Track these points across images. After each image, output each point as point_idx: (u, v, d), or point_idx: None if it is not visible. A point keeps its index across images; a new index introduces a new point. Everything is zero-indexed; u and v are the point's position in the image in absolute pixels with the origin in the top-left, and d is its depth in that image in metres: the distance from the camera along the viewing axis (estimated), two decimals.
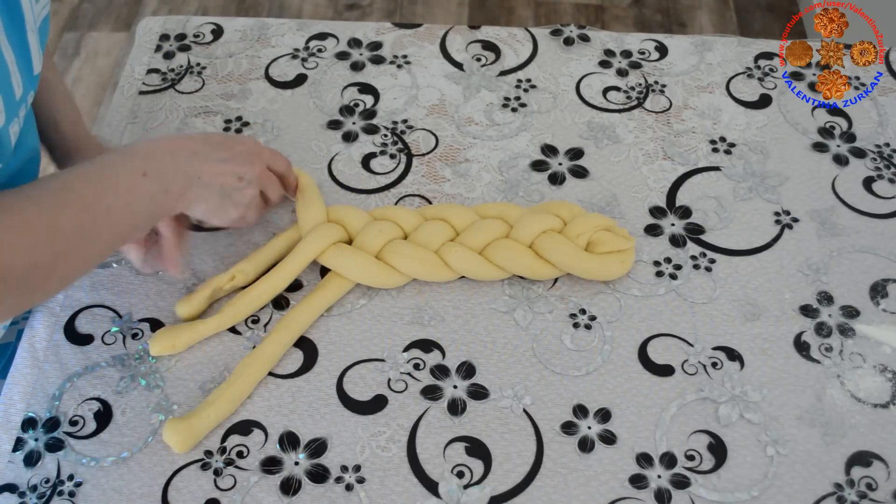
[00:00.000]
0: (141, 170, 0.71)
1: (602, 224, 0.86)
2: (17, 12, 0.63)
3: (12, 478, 0.74)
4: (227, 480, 0.74)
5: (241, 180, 0.78)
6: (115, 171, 0.70)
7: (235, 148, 0.79)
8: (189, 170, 0.74)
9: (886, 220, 0.92)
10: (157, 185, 0.72)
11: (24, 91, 0.67)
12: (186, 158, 0.74)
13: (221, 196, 0.77)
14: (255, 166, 0.79)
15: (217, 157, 0.76)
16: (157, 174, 0.72)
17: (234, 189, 0.78)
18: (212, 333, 0.81)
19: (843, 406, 0.79)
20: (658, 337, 0.83)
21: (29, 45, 0.66)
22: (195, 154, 0.75)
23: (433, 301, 0.85)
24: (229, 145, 0.79)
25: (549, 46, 1.09)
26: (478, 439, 0.77)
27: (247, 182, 0.79)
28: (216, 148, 0.77)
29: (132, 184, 0.70)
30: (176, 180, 0.73)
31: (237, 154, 0.78)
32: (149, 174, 0.71)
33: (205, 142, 0.77)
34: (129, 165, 0.71)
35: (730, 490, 0.74)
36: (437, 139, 0.99)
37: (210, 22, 1.10)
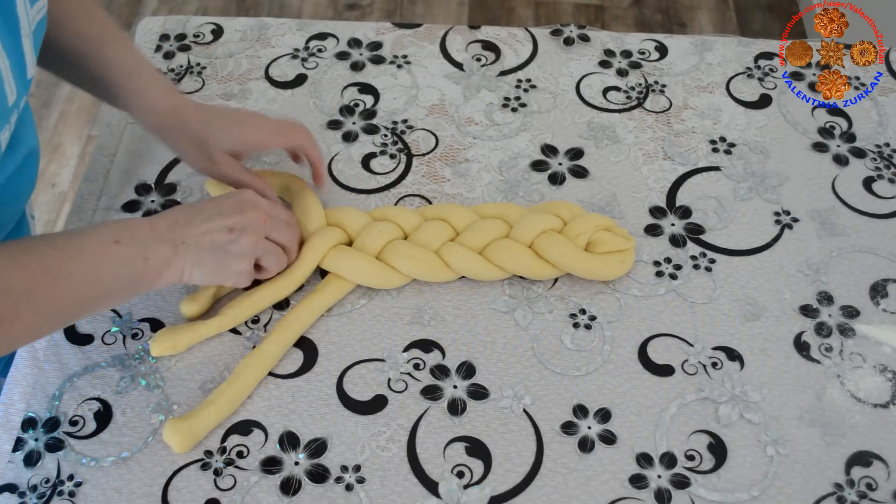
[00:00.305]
0: (113, 237, 0.69)
1: (602, 224, 0.86)
2: (11, 18, 0.63)
3: (12, 478, 0.74)
4: (227, 480, 0.74)
5: (232, 231, 0.75)
6: (84, 238, 0.69)
7: (223, 203, 0.77)
8: (171, 237, 0.73)
9: (886, 220, 0.92)
10: (133, 252, 0.70)
11: (18, 97, 0.66)
12: (167, 227, 0.73)
13: (215, 253, 0.75)
14: (246, 214, 0.77)
15: (202, 217, 0.75)
16: (131, 242, 0.70)
17: (228, 242, 0.75)
18: (213, 334, 0.81)
19: (843, 406, 0.79)
20: (658, 337, 0.83)
21: (23, 50, 0.65)
22: (176, 222, 0.74)
23: (433, 301, 0.85)
24: (217, 201, 0.77)
25: (549, 46, 1.09)
26: (478, 439, 0.77)
27: (240, 231, 0.76)
28: (200, 209, 0.76)
29: (102, 250, 0.68)
30: (156, 249, 0.71)
31: (225, 207, 0.76)
32: (122, 242, 0.69)
33: (188, 207, 0.76)
34: (101, 233, 0.70)
35: (730, 490, 0.74)
36: (437, 139, 0.99)
37: (210, 22, 1.10)
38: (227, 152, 0.82)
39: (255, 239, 0.77)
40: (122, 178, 0.94)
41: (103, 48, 0.80)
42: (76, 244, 0.68)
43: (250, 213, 0.77)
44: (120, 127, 0.99)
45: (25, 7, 0.65)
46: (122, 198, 0.93)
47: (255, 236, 0.77)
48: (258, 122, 0.85)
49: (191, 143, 0.82)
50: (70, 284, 0.67)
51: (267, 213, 0.78)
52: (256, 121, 0.85)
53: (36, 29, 0.68)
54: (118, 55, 0.81)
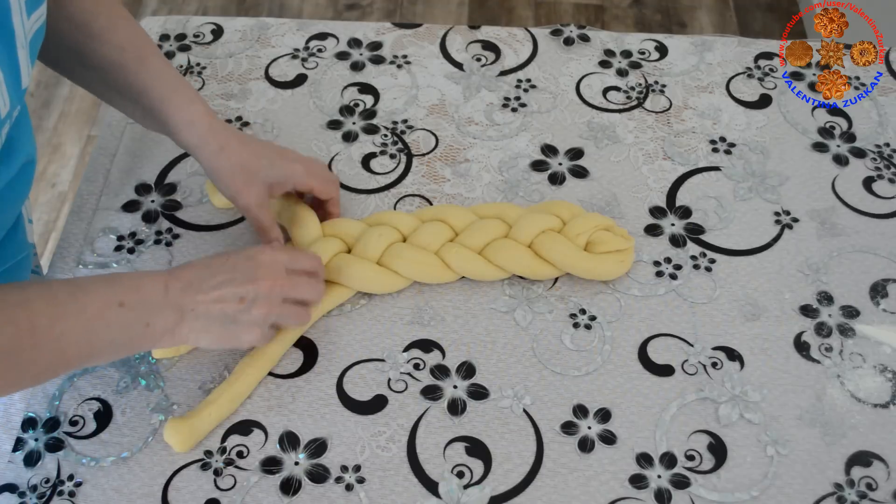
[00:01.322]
0: (118, 299, 0.67)
1: (601, 224, 0.86)
2: (6, 29, 0.62)
3: (12, 478, 0.74)
4: (227, 480, 0.74)
5: (242, 301, 0.72)
6: (87, 296, 0.66)
7: (239, 266, 0.73)
8: (180, 303, 0.70)
9: (886, 220, 0.92)
10: (135, 317, 0.67)
11: (10, 107, 0.66)
12: (179, 291, 0.70)
13: (224, 324, 0.72)
14: (260, 282, 0.73)
15: (215, 283, 0.71)
16: (136, 306, 0.67)
17: (238, 312, 0.72)
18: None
19: (843, 406, 0.79)
20: (658, 337, 0.83)
21: (18, 61, 0.65)
22: (189, 285, 0.70)
23: (433, 301, 0.85)
24: (232, 264, 0.73)
25: (549, 46, 1.09)
26: (478, 439, 0.77)
27: (251, 301, 0.72)
28: (216, 271, 0.72)
29: (101, 313, 0.66)
30: (161, 315, 0.69)
31: (239, 273, 0.73)
32: (126, 305, 0.67)
33: (205, 266, 0.73)
34: (105, 292, 0.67)
35: (730, 490, 0.74)
36: (437, 139, 0.99)
37: (210, 22, 1.10)
38: (265, 184, 0.82)
39: (268, 310, 0.73)
40: (122, 178, 0.94)
41: (146, 60, 0.80)
42: (76, 303, 0.65)
43: (263, 284, 0.73)
44: (120, 127, 0.99)
45: (22, 18, 0.64)
46: (122, 198, 0.93)
47: (267, 307, 0.73)
48: (302, 161, 0.85)
49: (230, 167, 0.81)
50: (58, 345, 0.64)
51: (284, 275, 0.75)
52: (300, 161, 0.85)
53: (32, 39, 0.67)
54: (161, 68, 0.81)
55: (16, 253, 0.84)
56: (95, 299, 0.66)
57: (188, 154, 0.96)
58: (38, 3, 0.67)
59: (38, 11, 0.68)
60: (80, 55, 0.79)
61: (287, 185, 0.84)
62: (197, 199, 0.93)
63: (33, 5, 0.66)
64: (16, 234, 0.83)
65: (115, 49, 0.79)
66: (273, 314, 0.74)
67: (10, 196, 0.76)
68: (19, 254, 0.84)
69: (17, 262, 0.84)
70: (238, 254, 0.75)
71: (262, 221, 0.82)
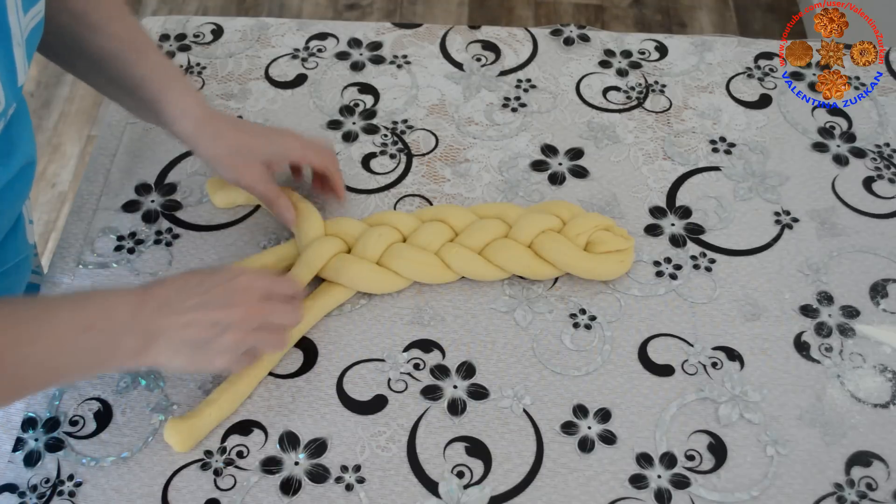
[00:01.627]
0: (85, 323, 0.64)
1: (601, 224, 0.86)
2: (2, 26, 0.62)
3: (12, 478, 0.74)
4: (227, 480, 0.74)
5: (214, 327, 0.69)
6: (53, 321, 0.64)
7: (214, 289, 0.70)
8: (152, 325, 0.67)
9: (886, 220, 0.92)
10: (103, 341, 0.65)
11: (6, 105, 0.65)
12: (152, 312, 0.67)
13: (194, 348, 0.69)
14: (234, 309, 0.70)
15: (188, 305, 0.69)
16: (106, 330, 0.65)
17: (209, 339, 0.69)
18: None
19: (843, 406, 0.79)
20: (658, 337, 0.83)
21: (14, 58, 0.64)
22: (162, 305, 0.68)
23: (433, 301, 0.85)
24: (208, 286, 0.70)
25: (549, 46, 1.09)
26: (478, 439, 0.77)
27: (223, 328, 0.69)
28: (191, 293, 0.69)
29: (67, 337, 0.64)
30: (129, 339, 0.66)
31: (214, 296, 0.70)
32: (94, 328, 0.65)
33: (180, 286, 0.70)
34: (73, 316, 0.65)
35: (730, 490, 0.74)
36: (437, 139, 0.99)
37: (210, 22, 1.10)
38: (264, 160, 0.83)
39: (240, 337, 0.70)
40: (122, 178, 0.94)
41: (143, 52, 0.81)
42: (42, 326, 0.63)
43: (237, 311, 0.70)
44: (120, 127, 0.99)
45: (18, 15, 0.64)
46: (122, 198, 0.93)
47: (239, 335, 0.70)
48: (295, 136, 0.87)
49: (227, 150, 0.82)
50: (20, 370, 0.62)
51: (260, 302, 0.72)
52: (294, 135, 0.87)
53: (29, 36, 0.67)
54: (158, 60, 0.82)
55: (16, 253, 0.84)
56: (62, 323, 0.64)
57: (188, 154, 0.96)
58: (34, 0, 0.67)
59: (35, 8, 0.67)
60: (79, 46, 0.79)
61: (285, 159, 0.86)
62: (197, 199, 0.93)
63: (30, 2, 0.66)
64: (16, 235, 0.83)
65: (113, 40, 0.79)
66: (246, 341, 0.71)
67: (9, 197, 0.76)
68: (19, 254, 0.84)
69: (17, 262, 0.84)
70: (215, 275, 0.72)
71: (269, 195, 0.84)
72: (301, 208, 0.87)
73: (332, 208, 0.92)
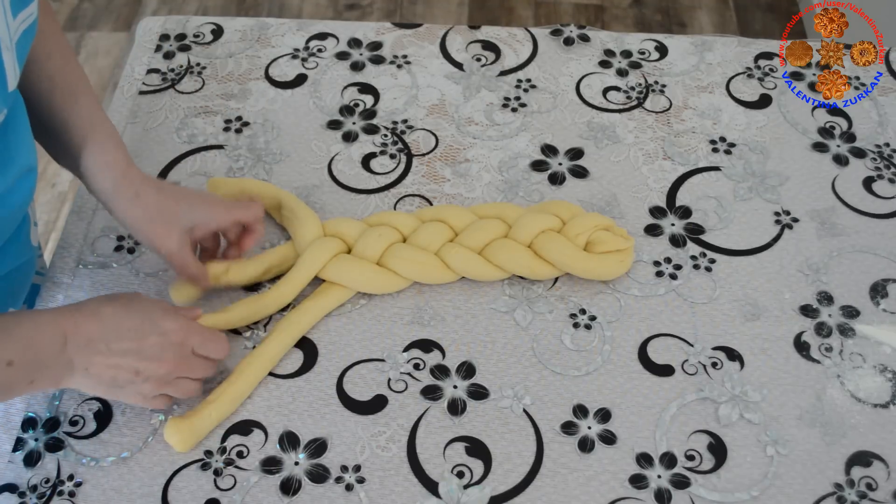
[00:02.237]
0: (6, 358, 0.63)
1: (601, 224, 0.86)
2: None
3: (12, 478, 0.74)
4: (227, 480, 0.74)
5: (137, 375, 0.70)
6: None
7: (148, 338, 0.70)
8: (75, 360, 0.67)
9: (886, 220, 0.92)
10: (21, 376, 0.65)
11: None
12: (79, 347, 0.67)
13: (111, 386, 0.70)
14: (162, 363, 0.71)
15: (119, 348, 0.69)
16: (26, 365, 0.64)
17: (128, 382, 0.70)
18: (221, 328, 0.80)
19: (843, 406, 0.79)
20: (658, 337, 0.83)
21: (4, 63, 0.63)
22: (90, 342, 0.67)
23: (433, 301, 0.85)
24: (143, 333, 0.70)
25: (549, 46, 1.09)
26: (478, 439, 0.77)
27: (145, 377, 0.70)
28: (124, 336, 0.69)
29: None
30: (50, 372, 0.66)
31: (146, 347, 0.70)
32: (15, 364, 0.63)
33: (114, 325, 0.69)
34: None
35: (730, 490, 0.74)
36: (437, 139, 0.99)
37: (210, 22, 1.10)
38: (186, 227, 0.79)
39: (159, 387, 0.72)
40: None
41: (73, 96, 0.77)
42: None
43: (163, 366, 0.71)
44: (120, 127, 0.99)
45: (6, 19, 0.62)
46: None
47: (159, 385, 0.72)
48: (221, 202, 0.82)
49: (146, 213, 0.78)
50: None
51: (187, 358, 0.73)
52: (219, 201, 0.83)
53: (20, 39, 0.66)
54: (89, 107, 0.78)
55: (20, 256, 0.83)
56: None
57: (188, 154, 0.96)
58: (25, 3, 0.65)
59: (25, 12, 0.66)
60: None
61: (210, 226, 0.81)
62: None
63: (19, 5, 0.64)
64: (20, 238, 0.82)
65: (44, 79, 0.76)
66: (163, 390, 0.73)
67: (10, 203, 0.74)
68: (23, 257, 0.84)
69: (21, 264, 0.83)
70: (151, 322, 0.71)
71: (185, 266, 0.79)
72: (297, 211, 0.87)
73: (331, 209, 0.92)
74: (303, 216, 0.86)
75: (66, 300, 0.84)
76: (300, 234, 0.85)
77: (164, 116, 1.00)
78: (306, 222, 0.86)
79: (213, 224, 0.81)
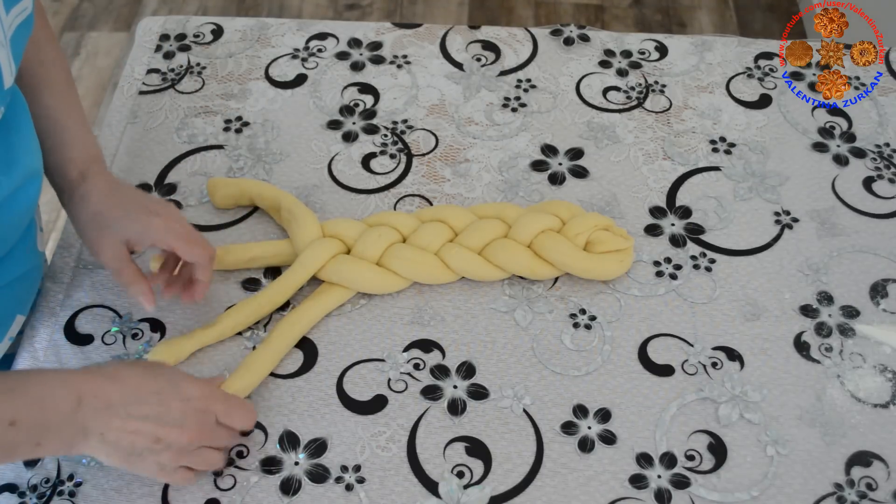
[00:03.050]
0: (10, 417, 0.59)
1: (600, 223, 0.86)
2: None
3: (12, 478, 0.74)
4: (227, 480, 0.74)
5: (158, 442, 0.65)
6: None
7: (170, 405, 0.66)
8: (90, 425, 0.63)
9: (886, 220, 0.92)
10: (25, 437, 0.60)
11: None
12: (96, 411, 0.62)
13: (130, 454, 0.65)
14: (184, 432, 0.66)
15: (139, 413, 0.64)
16: (30, 427, 0.60)
17: (147, 450, 0.66)
18: (213, 342, 0.81)
19: (843, 406, 0.79)
20: (658, 337, 0.83)
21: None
22: (109, 407, 0.63)
23: (433, 301, 0.85)
24: (165, 399, 0.66)
25: (549, 46, 1.09)
26: (478, 439, 0.77)
27: (166, 446, 0.66)
28: (145, 400, 0.65)
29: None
30: (60, 435, 0.62)
31: (168, 413, 0.66)
32: (18, 424, 0.59)
33: (134, 389, 0.65)
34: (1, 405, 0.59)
35: (730, 490, 0.74)
36: (437, 139, 0.99)
37: (210, 22, 1.10)
38: (122, 238, 0.76)
39: (179, 458, 0.68)
40: (122, 177, 0.94)
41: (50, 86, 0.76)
42: None
43: (185, 435, 0.67)
44: (120, 127, 0.99)
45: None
46: None
47: (180, 457, 0.68)
48: (170, 220, 0.77)
49: (87, 217, 0.76)
50: None
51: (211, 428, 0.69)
52: (168, 217, 0.77)
53: (14, 35, 0.65)
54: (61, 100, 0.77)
55: (27, 262, 0.81)
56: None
57: (188, 154, 0.96)
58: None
59: (18, 6, 0.65)
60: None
61: (145, 241, 0.76)
62: (197, 199, 0.93)
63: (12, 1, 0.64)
64: (26, 245, 0.81)
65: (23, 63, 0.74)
66: (184, 461, 0.68)
67: (13, 209, 0.72)
68: (30, 262, 0.82)
69: (26, 271, 0.81)
70: (174, 386, 0.67)
71: (120, 277, 0.76)
72: (296, 211, 0.87)
73: (331, 209, 0.92)
74: (301, 217, 0.86)
75: (65, 298, 0.84)
76: (298, 235, 0.85)
77: (164, 116, 1.00)
78: (305, 223, 0.86)
79: (148, 241, 0.76)
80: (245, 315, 0.81)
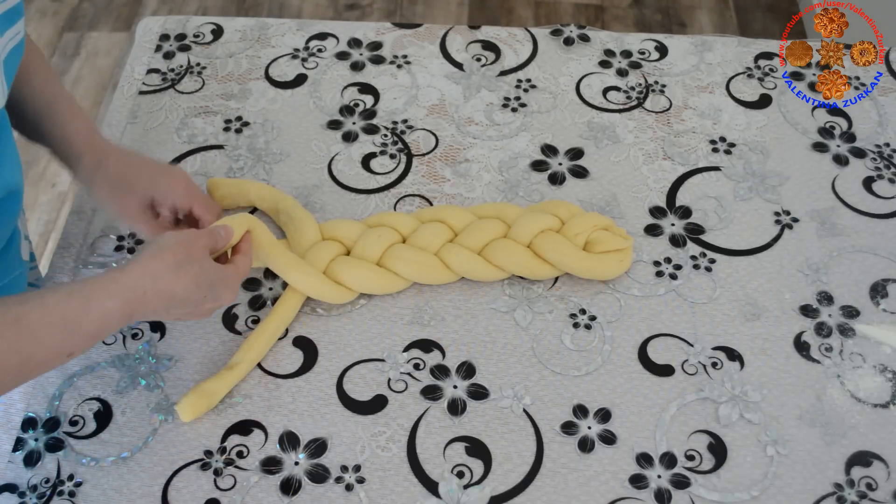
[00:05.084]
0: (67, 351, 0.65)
1: (600, 223, 0.86)
2: None
3: (12, 478, 0.74)
4: (227, 480, 0.74)
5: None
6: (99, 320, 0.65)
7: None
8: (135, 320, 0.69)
9: (886, 220, 0.92)
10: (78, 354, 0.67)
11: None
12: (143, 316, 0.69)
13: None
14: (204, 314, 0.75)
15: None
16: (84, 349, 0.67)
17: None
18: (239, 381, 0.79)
19: (843, 406, 0.79)
20: (658, 337, 0.83)
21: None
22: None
23: (433, 301, 0.85)
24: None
25: (549, 46, 1.09)
26: (478, 439, 0.77)
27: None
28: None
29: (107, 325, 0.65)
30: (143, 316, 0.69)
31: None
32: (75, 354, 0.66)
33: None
34: (116, 318, 0.66)
35: (730, 490, 0.74)
36: (437, 139, 0.99)
37: (210, 22, 1.10)
38: (145, 200, 0.80)
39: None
40: None
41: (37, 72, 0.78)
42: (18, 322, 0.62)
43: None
44: (120, 127, 0.99)
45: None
46: None
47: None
48: (189, 183, 0.83)
49: (107, 181, 0.79)
50: (28, 367, 0.62)
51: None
52: (182, 180, 0.82)
53: (7, 57, 0.66)
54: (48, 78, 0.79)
55: (10, 271, 0.82)
56: (108, 323, 0.66)
57: (188, 154, 0.96)
58: (12, 21, 0.65)
59: (12, 29, 0.66)
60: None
61: (167, 202, 0.81)
62: None
63: (7, 23, 0.64)
64: (9, 254, 0.82)
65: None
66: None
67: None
68: (13, 272, 0.83)
69: (11, 280, 0.82)
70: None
71: (145, 235, 0.79)
72: (295, 215, 0.87)
73: (331, 209, 0.92)
74: (300, 221, 0.86)
75: None
76: (297, 238, 0.85)
77: (164, 116, 1.00)
78: (304, 227, 0.85)
79: (170, 201, 0.81)
80: (263, 343, 0.80)
